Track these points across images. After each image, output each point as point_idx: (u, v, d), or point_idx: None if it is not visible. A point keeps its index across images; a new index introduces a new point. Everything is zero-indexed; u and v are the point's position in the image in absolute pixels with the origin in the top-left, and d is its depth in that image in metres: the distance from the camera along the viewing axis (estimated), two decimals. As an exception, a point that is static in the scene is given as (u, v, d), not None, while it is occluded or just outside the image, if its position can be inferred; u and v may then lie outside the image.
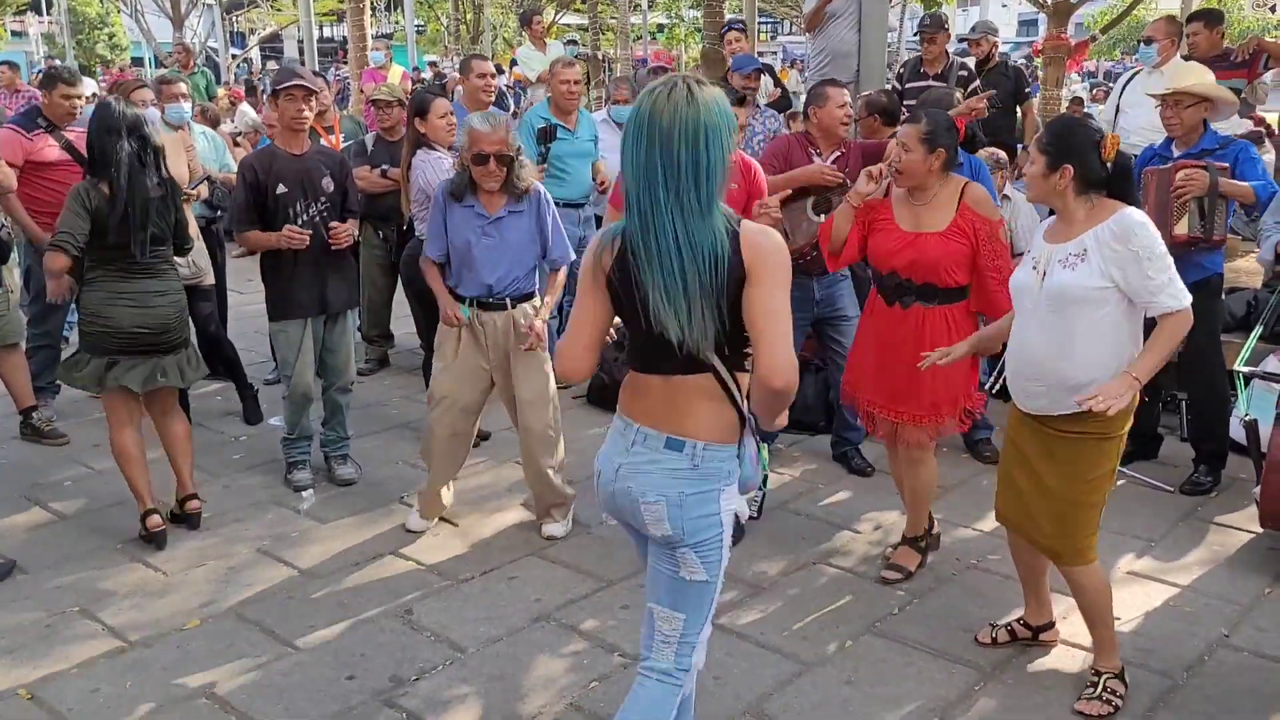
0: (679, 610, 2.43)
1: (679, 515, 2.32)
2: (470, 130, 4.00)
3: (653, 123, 2.18)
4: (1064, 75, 10.01)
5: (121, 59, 33.40)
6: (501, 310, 4.18)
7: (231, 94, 13.87)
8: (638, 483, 2.35)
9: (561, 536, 4.32)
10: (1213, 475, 4.74)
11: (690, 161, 2.17)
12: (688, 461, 2.32)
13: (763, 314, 2.20)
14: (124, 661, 3.49)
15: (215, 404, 6.07)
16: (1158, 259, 2.86)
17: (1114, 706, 3.12)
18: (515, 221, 4.13)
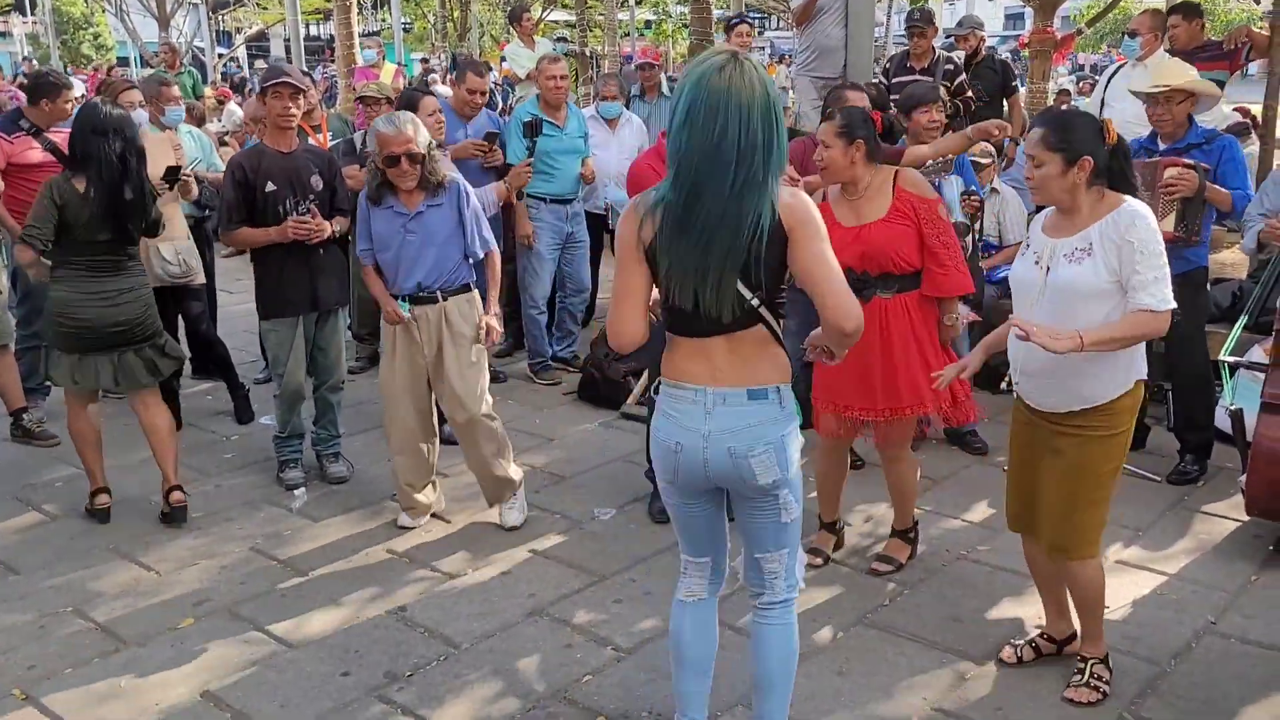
0: (784, 546, 2.64)
1: (784, 457, 2.48)
2: (377, 134, 4.06)
3: (732, 98, 2.26)
4: (1050, 69, 10.05)
5: (107, 59, 33.23)
6: (434, 304, 4.22)
7: (219, 93, 13.85)
8: (740, 440, 2.45)
9: (520, 524, 4.36)
10: (1199, 464, 4.78)
11: (765, 135, 2.28)
12: (776, 407, 2.47)
13: (816, 264, 2.34)
14: (117, 661, 3.50)
15: (206, 403, 6.07)
16: (1151, 256, 2.83)
17: (1102, 693, 3.15)
18: (436, 214, 4.18)
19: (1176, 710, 3.12)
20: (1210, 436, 4.81)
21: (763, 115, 2.28)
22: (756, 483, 2.50)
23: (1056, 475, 3.06)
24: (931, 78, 7.23)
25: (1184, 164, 4.37)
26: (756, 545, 2.66)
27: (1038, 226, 3.10)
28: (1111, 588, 3.81)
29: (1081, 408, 2.96)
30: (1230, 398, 4.34)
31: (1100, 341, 2.83)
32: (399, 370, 4.29)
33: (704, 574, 2.78)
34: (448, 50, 19.03)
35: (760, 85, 2.29)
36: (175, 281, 5.51)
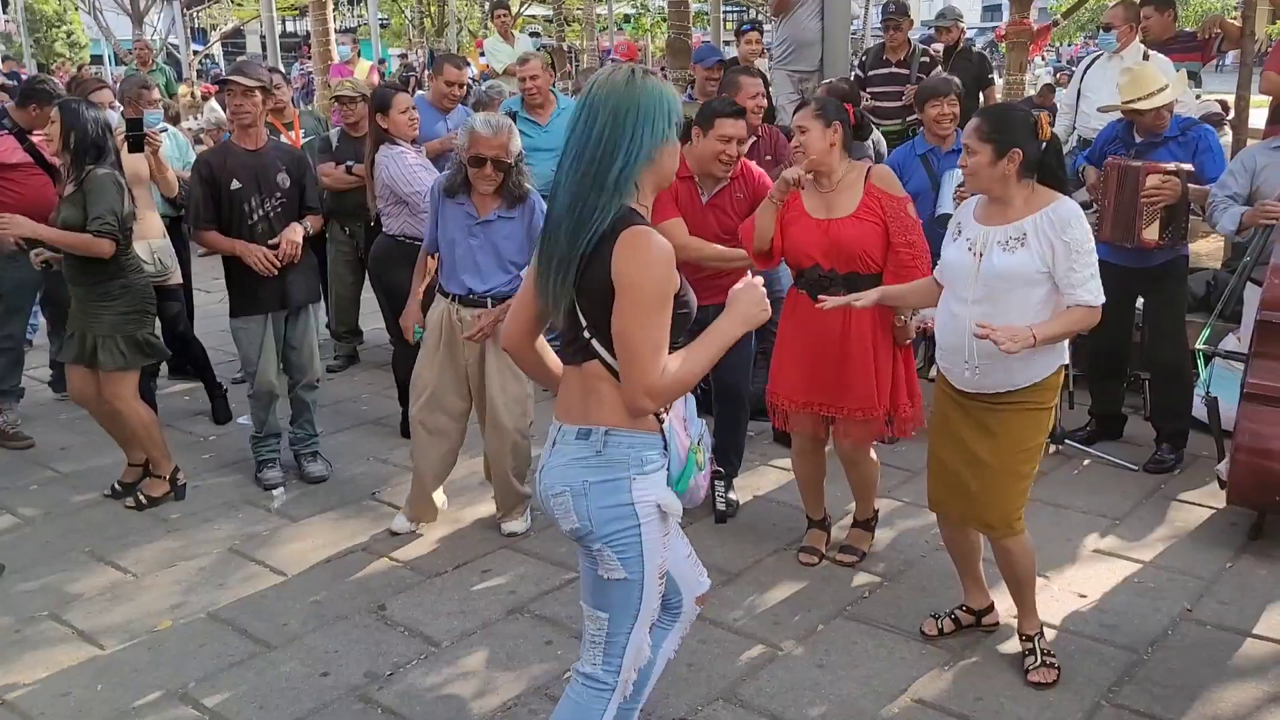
0: (601, 610, 2.36)
1: (584, 505, 2.24)
2: (471, 131, 3.94)
3: (591, 98, 2.19)
4: (1027, 60, 10.08)
5: (80, 57, 32.93)
6: (481, 309, 4.11)
7: (203, 89, 13.75)
8: (547, 477, 2.30)
9: (522, 532, 4.30)
10: (1175, 453, 4.81)
11: (610, 135, 2.14)
12: (591, 449, 2.24)
13: (616, 335, 2.14)
14: (95, 665, 3.47)
15: (184, 404, 6.03)
16: (1084, 255, 2.95)
17: (1058, 667, 3.24)
18: (505, 226, 4.06)
19: (1153, 697, 3.15)
20: (1187, 425, 4.84)
21: (613, 114, 2.14)
22: (562, 527, 2.31)
23: (987, 452, 3.14)
24: (908, 70, 7.26)
25: (1165, 169, 4.37)
26: (582, 593, 2.45)
27: (969, 213, 3.17)
28: (1089, 576, 3.86)
29: (1018, 387, 3.07)
30: (1206, 386, 4.37)
31: (1048, 336, 2.97)
32: (439, 365, 4.18)
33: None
34: (425, 46, 18.93)
35: (625, 90, 2.15)
36: (151, 280, 5.44)
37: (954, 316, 3.11)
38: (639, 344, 2.11)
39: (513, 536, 4.27)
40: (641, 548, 2.28)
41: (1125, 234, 4.46)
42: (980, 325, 2.89)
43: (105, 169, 4.34)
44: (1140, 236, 4.42)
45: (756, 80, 5.04)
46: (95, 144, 4.33)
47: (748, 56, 7.39)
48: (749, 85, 4.90)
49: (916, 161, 5.10)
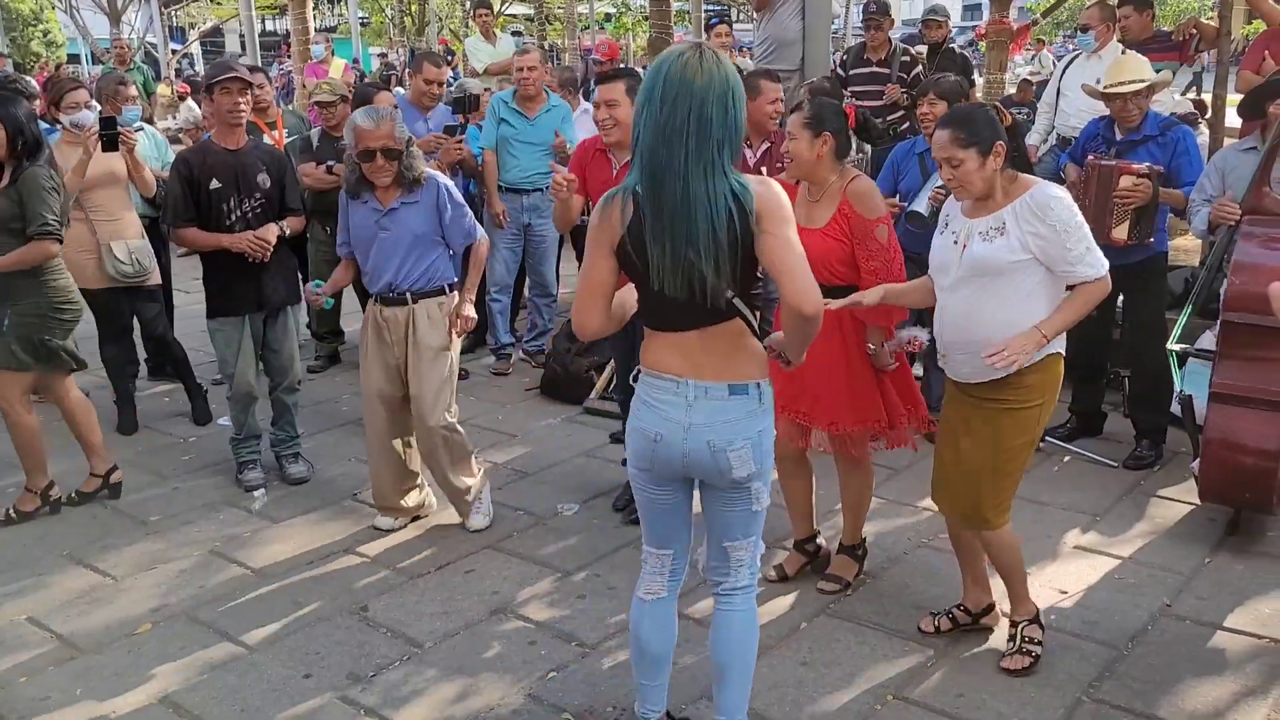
0: (752, 535, 2.67)
1: (760, 451, 2.51)
2: (354, 127, 3.95)
3: (684, 83, 2.28)
4: (1007, 59, 10.13)
5: (57, 56, 32.65)
6: (402, 305, 4.11)
7: (180, 89, 13.65)
8: (719, 434, 2.47)
9: (487, 525, 4.31)
10: (1154, 450, 4.85)
11: (720, 120, 2.29)
12: (756, 401, 2.49)
13: (779, 248, 2.32)
14: (74, 668, 3.44)
15: (164, 405, 5.99)
16: (1075, 230, 2.95)
17: (1033, 656, 3.26)
18: (411, 212, 4.08)
19: (1133, 692, 3.17)
20: (1166, 423, 4.88)
21: (718, 100, 2.29)
22: (732, 475, 2.52)
23: (968, 448, 3.17)
24: (888, 69, 7.29)
25: (1139, 171, 4.40)
26: (726, 534, 2.67)
27: (957, 209, 3.20)
28: (1069, 572, 3.88)
29: (991, 378, 3.05)
30: (1180, 384, 4.40)
31: (1059, 326, 2.99)
32: (372, 371, 4.20)
33: (664, 569, 2.78)
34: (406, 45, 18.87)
35: (718, 72, 2.30)
36: (129, 282, 5.42)
37: (939, 306, 3.18)
38: (801, 251, 2.35)
39: (479, 533, 4.28)
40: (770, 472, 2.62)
41: (1095, 231, 4.48)
42: (986, 356, 2.93)
43: (41, 166, 4.26)
44: (1109, 235, 4.45)
45: (777, 86, 4.99)
46: (35, 140, 4.27)
47: (717, 50, 7.40)
48: (769, 90, 4.86)
49: (914, 159, 5.11)
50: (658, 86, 2.31)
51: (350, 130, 3.99)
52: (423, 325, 4.13)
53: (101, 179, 5.25)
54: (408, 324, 4.13)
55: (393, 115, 4.01)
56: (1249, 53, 6.28)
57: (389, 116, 3.98)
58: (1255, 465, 3.86)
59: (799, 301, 2.33)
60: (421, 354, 4.13)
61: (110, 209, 5.34)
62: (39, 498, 4.56)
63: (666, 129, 2.29)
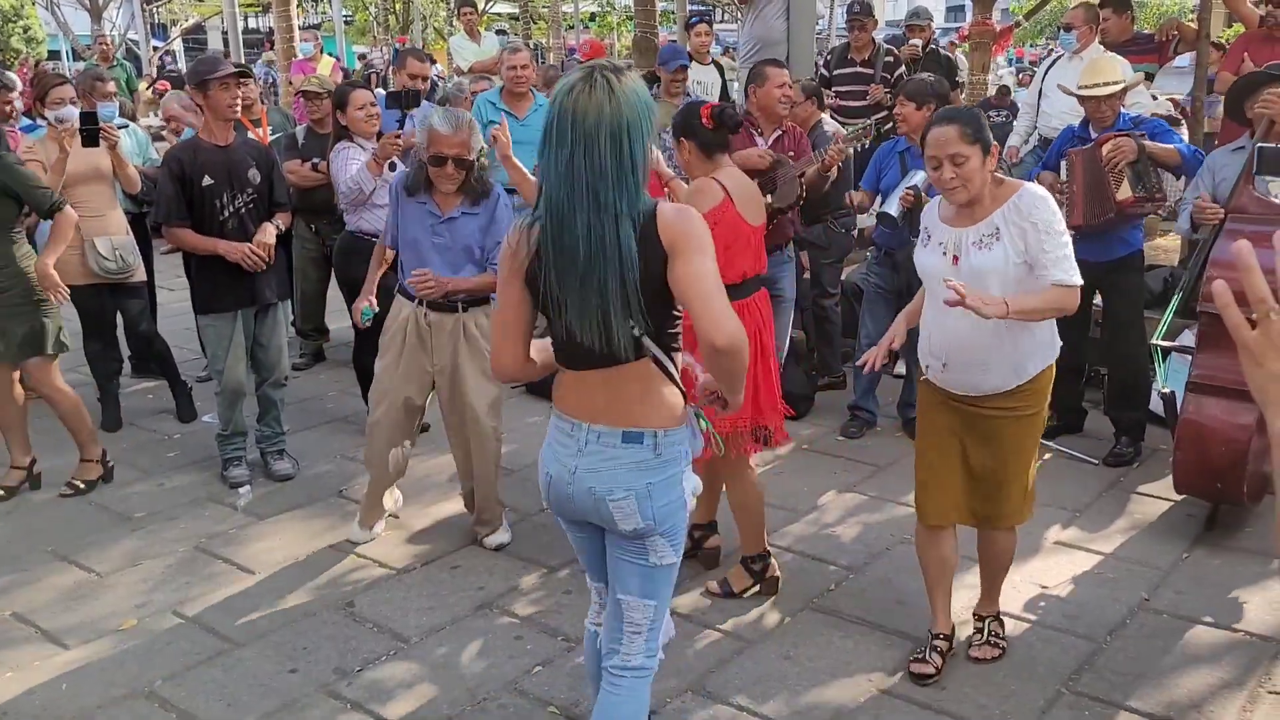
0: (651, 597, 2.42)
1: (649, 506, 2.30)
2: (430, 130, 3.82)
3: (576, 123, 2.11)
4: (990, 61, 10.20)
5: (37, 52, 32.40)
6: (452, 313, 3.99)
7: (159, 86, 13.58)
8: (600, 482, 2.30)
9: (509, 542, 4.18)
10: (1134, 447, 4.91)
11: (615, 162, 2.11)
12: (650, 451, 2.29)
13: (690, 279, 2.13)
14: (59, 663, 3.44)
15: (148, 402, 5.97)
16: (1054, 235, 2.90)
17: (1001, 648, 3.34)
18: (468, 223, 3.96)
19: (1112, 685, 3.21)
20: (1145, 419, 4.94)
21: (609, 137, 2.10)
22: (618, 528, 2.34)
23: (990, 459, 3.13)
24: (872, 70, 7.34)
25: (1117, 135, 4.51)
26: (620, 585, 2.45)
27: (934, 216, 3.12)
28: (1050, 567, 3.93)
29: (1009, 388, 3.04)
30: (1163, 381, 4.46)
31: (1023, 310, 2.90)
32: (402, 374, 4.04)
33: (603, 600, 2.61)
34: (390, 43, 18.83)
35: (609, 105, 2.10)
36: (112, 278, 5.41)
37: (934, 322, 3.09)
38: (715, 280, 2.15)
39: (501, 548, 4.15)
40: (684, 530, 2.43)
41: (1102, 207, 4.57)
42: (948, 283, 2.78)
43: (7, 151, 4.39)
44: (1115, 200, 4.53)
45: (784, 70, 4.99)
46: None
47: (699, 49, 7.44)
48: (776, 75, 4.86)
49: (896, 158, 5.15)
50: (552, 124, 2.14)
51: (425, 132, 3.86)
52: (474, 333, 4.01)
53: (86, 175, 5.24)
54: (457, 330, 4.00)
55: (472, 124, 3.89)
56: (1228, 55, 6.36)
57: (468, 124, 3.86)
58: (1226, 455, 3.93)
59: (709, 332, 2.11)
60: (475, 361, 4.00)
61: (95, 205, 5.33)
62: (24, 472, 4.74)
63: (565, 170, 2.13)
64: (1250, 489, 4.02)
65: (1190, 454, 4.03)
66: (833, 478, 4.76)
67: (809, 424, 5.46)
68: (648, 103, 2.17)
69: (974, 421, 3.12)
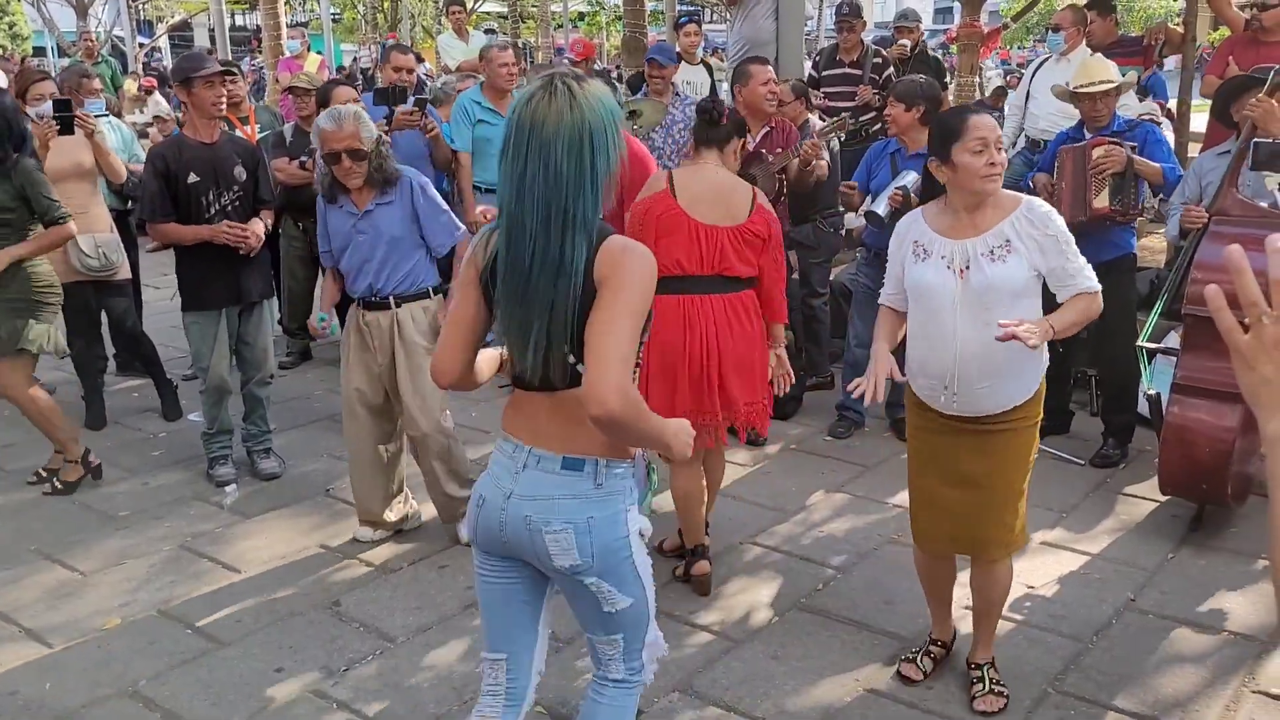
0: (612, 633, 2.28)
1: (588, 542, 2.12)
2: (319, 130, 3.84)
3: (533, 132, 1.99)
4: (978, 62, 10.23)
5: (22, 48, 32.20)
6: (385, 310, 3.99)
7: (146, 83, 13.52)
8: (537, 510, 2.13)
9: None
10: (1121, 448, 4.93)
11: (575, 174, 1.99)
12: (589, 481, 2.13)
13: (595, 330, 1.97)
14: (43, 663, 3.42)
15: (133, 400, 5.94)
16: (1072, 244, 2.87)
17: (1006, 696, 3.13)
18: (386, 213, 3.95)
19: (1098, 684, 3.22)
20: (1132, 421, 4.96)
21: (568, 148, 1.97)
22: (552, 563, 2.15)
23: (985, 474, 2.99)
24: (860, 71, 7.35)
25: (1109, 142, 4.53)
26: (584, 624, 2.33)
27: (924, 230, 2.98)
28: (1036, 568, 3.94)
29: (1017, 403, 2.94)
30: (1148, 382, 4.48)
31: (1066, 327, 2.86)
32: (353, 377, 4.08)
33: (498, 681, 2.36)
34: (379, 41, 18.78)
35: (570, 114, 1.98)
36: (95, 275, 5.38)
37: (935, 344, 2.92)
38: (621, 343, 1.96)
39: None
40: (636, 570, 2.22)
41: (1079, 208, 4.58)
42: (1002, 324, 2.68)
43: (29, 157, 4.38)
44: (1091, 206, 4.55)
45: (768, 68, 5.02)
46: (23, 132, 4.36)
47: (688, 49, 7.44)
48: (760, 73, 4.90)
49: (886, 159, 5.16)
50: (510, 134, 2.02)
51: (315, 133, 3.88)
52: (409, 329, 3.99)
53: (69, 172, 5.20)
54: (392, 328, 4.00)
55: (357, 115, 3.86)
56: (1214, 59, 6.39)
57: (352, 116, 3.84)
58: (1210, 456, 3.95)
59: (585, 399, 1.94)
60: (410, 358, 3.98)
61: (78, 202, 5.28)
62: (80, 466, 4.75)
63: (519, 182, 2.00)
64: (1234, 490, 4.04)
65: (1175, 455, 4.06)
66: (821, 478, 4.77)
67: (797, 424, 5.46)
68: (612, 110, 2.04)
69: (972, 439, 2.98)
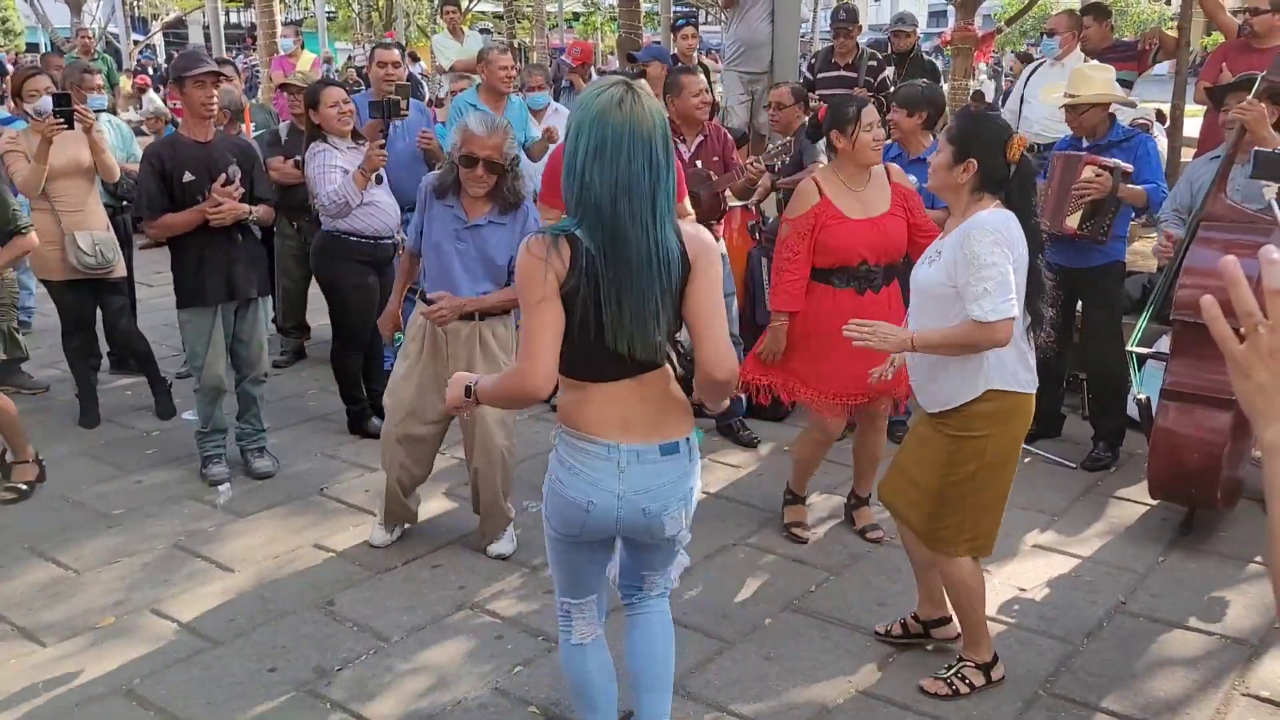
0: (669, 565, 2.67)
1: (690, 507, 2.47)
2: (463, 130, 3.73)
3: (633, 128, 2.17)
4: (972, 66, 10.27)
5: (15, 44, 32.10)
6: (469, 321, 3.86)
7: (139, 81, 13.49)
8: (655, 500, 2.39)
9: (510, 555, 4.06)
10: (1112, 451, 4.95)
11: (667, 166, 2.22)
12: (686, 459, 2.42)
13: (706, 309, 2.28)
14: (35, 661, 3.42)
15: (126, 399, 5.93)
16: (980, 268, 2.79)
17: (953, 690, 3.16)
18: (495, 233, 3.83)
19: (1089, 687, 3.24)
20: (1122, 424, 4.98)
21: (664, 144, 2.21)
22: (664, 534, 2.46)
23: (919, 464, 3.12)
24: (855, 73, 7.37)
25: (1102, 164, 4.51)
26: (644, 566, 2.66)
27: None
28: (1027, 570, 3.96)
29: (938, 410, 3.04)
30: (1139, 387, 4.50)
31: (929, 344, 2.92)
32: (418, 381, 3.92)
33: (591, 612, 2.67)
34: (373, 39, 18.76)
35: (658, 114, 2.23)
36: (92, 273, 5.37)
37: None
38: (724, 314, 2.31)
39: (501, 559, 4.04)
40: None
41: (1054, 219, 4.61)
42: (853, 322, 2.96)
43: None
44: (1062, 223, 4.58)
45: (698, 78, 5.16)
46: None
47: (685, 52, 7.45)
48: (691, 84, 5.06)
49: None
50: (607, 133, 2.16)
51: (459, 132, 3.76)
52: (491, 343, 3.89)
53: (66, 169, 5.20)
54: (474, 341, 3.88)
55: (507, 129, 3.80)
56: (1208, 63, 6.42)
57: (503, 129, 3.76)
58: (1200, 461, 3.98)
59: (712, 367, 2.28)
60: (490, 369, 3.80)
61: (75, 200, 5.30)
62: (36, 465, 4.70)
63: (629, 180, 2.17)
64: (1224, 495, 4.06)
65: (1164, 460, 4.08)
66: (814, 480, 4.77)
67: (792, 425, 5.48)
68: (664, 115, 2.28)
69: (926, 427, 3.12)
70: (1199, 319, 3.69)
